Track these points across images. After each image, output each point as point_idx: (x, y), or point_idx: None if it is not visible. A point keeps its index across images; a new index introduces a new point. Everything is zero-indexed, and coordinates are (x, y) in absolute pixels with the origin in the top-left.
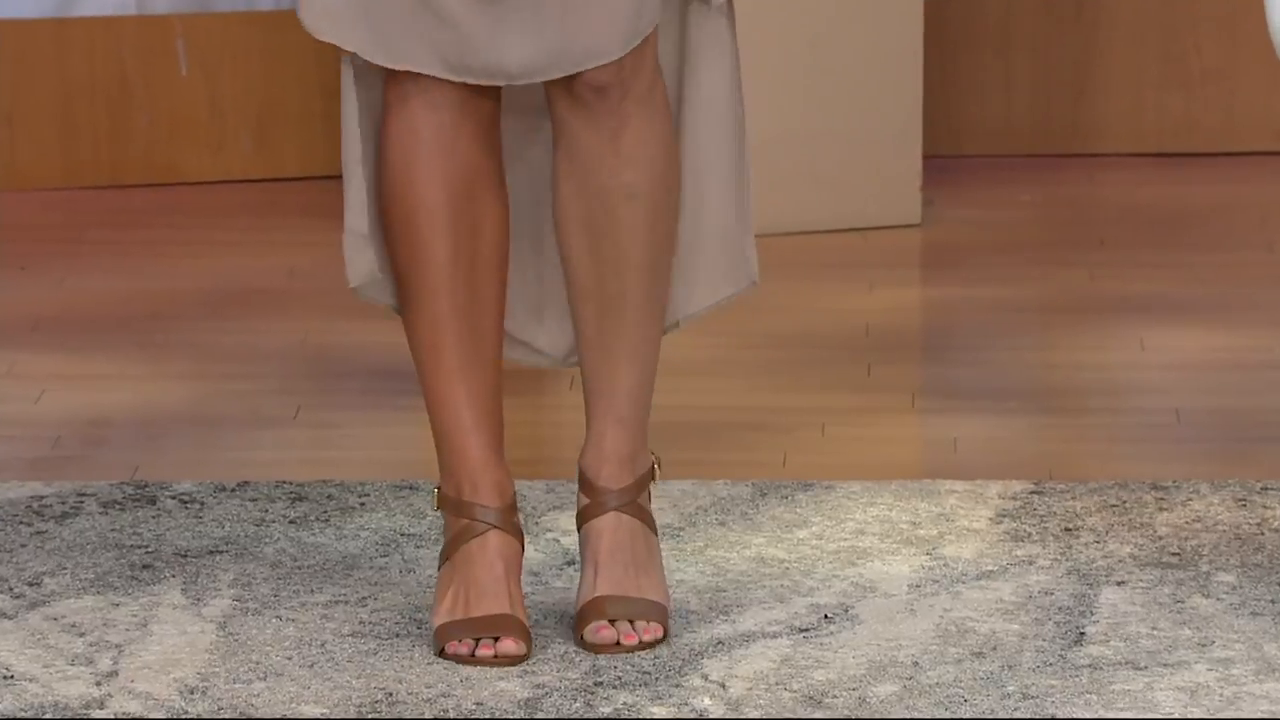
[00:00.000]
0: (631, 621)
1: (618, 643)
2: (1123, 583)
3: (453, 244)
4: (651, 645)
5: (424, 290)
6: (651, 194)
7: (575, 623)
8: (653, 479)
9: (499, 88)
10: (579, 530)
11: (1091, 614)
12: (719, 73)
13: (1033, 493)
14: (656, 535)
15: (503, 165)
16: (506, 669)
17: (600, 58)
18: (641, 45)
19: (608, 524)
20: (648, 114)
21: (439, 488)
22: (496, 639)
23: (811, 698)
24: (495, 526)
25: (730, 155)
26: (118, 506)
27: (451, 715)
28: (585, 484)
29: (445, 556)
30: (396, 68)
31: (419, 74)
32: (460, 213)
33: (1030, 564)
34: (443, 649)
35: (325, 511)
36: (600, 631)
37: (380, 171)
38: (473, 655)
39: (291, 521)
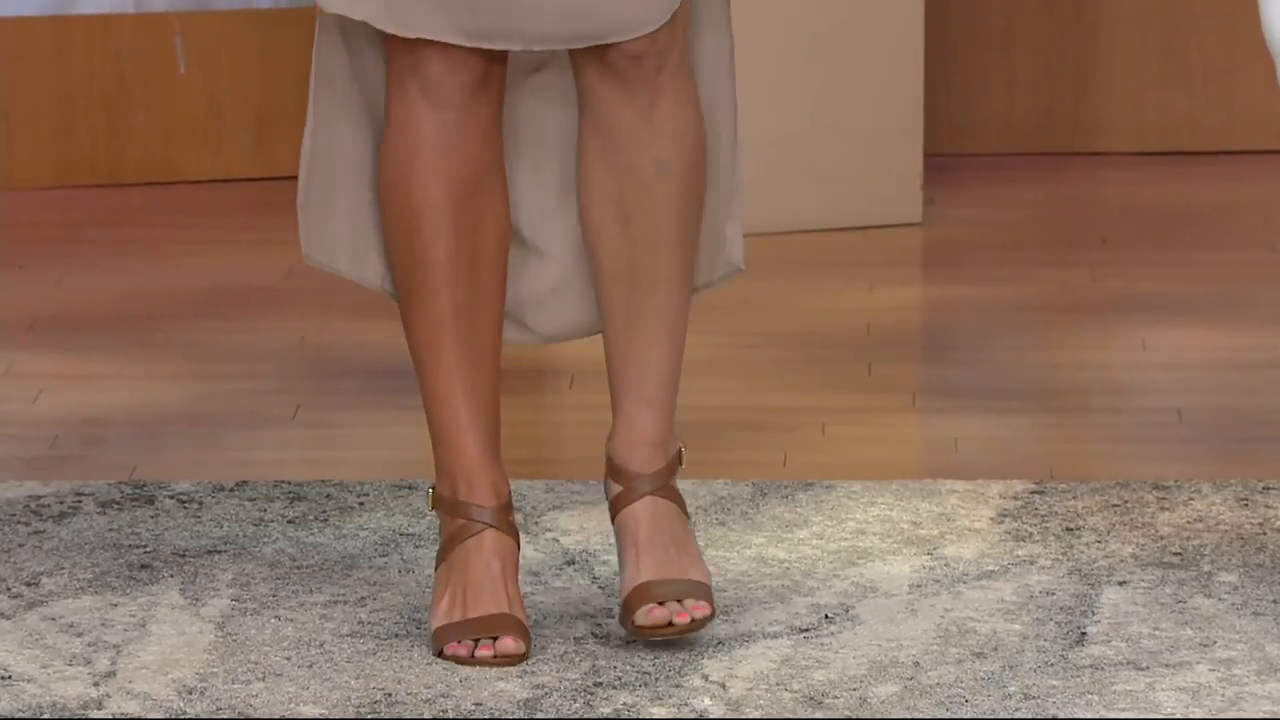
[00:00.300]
0: (680, 601)
1: (670, 623)
2: (1124, 583)
3: (454, 243)
4: (702, 623)
5: (424, 288)
6: (684, 169)
7: (622, 611)
8: (680, 463)
9: (502, 82)
10: (613, 518)
11: (1093, 614)
12: (718, 51)
13: (1034, 492)
14: (689, 516)
15: (504, 160)
16: (506, 669)
17: (642, 27)
18: (674, 16)
19: (644, 509)
20: (680, 87)
21: (434, 488)
22: (495, 639)
23: (812, 698)
24: (491, 526)
25: (726, 135)
26: (116, 506)
27: (451, 715)
28: (616, 471)
29: (441, 557)
30: (408, 35)
31: (422, 66)
32: (462, 212)
33: (1031, 564)
34: (441, 650)
35: (324, 511)
36: (652, 613)
37: (381, 168)
38: (472, 656)
39: (290, 521)
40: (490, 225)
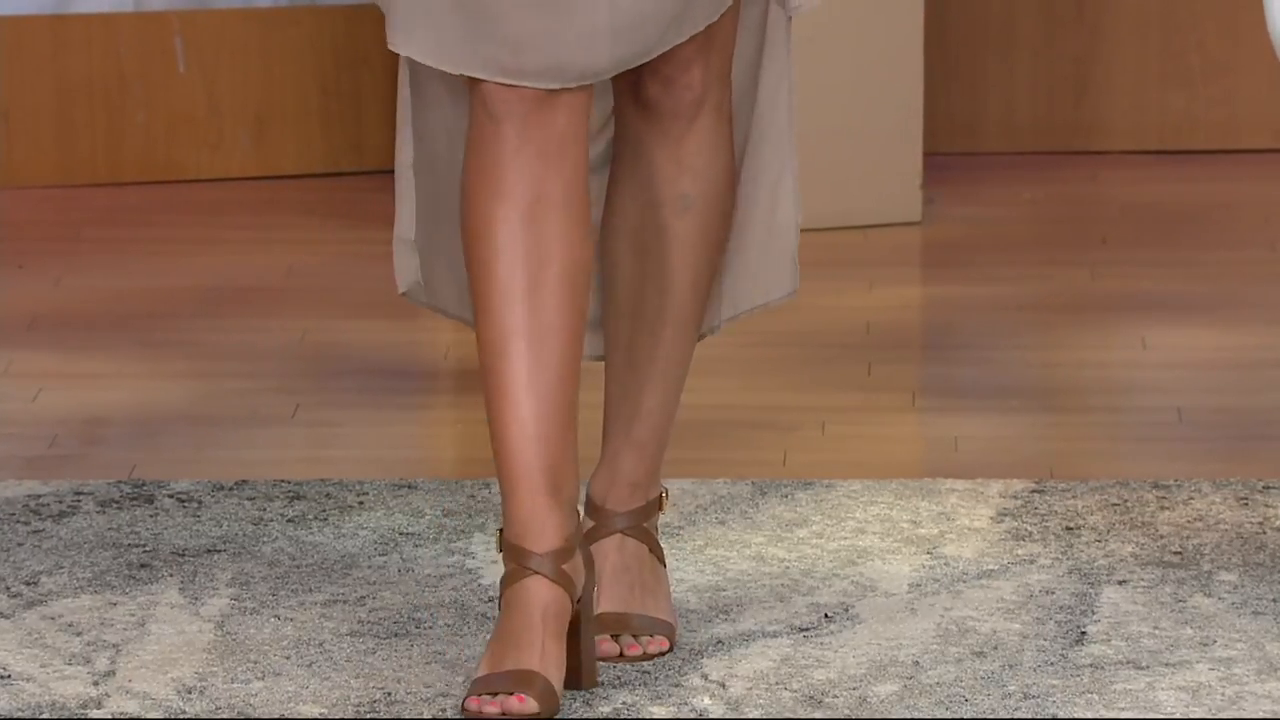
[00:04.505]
0: (635, 635)
1: (621, 654)
2: (1124, 582)
3: (510, 263)
4: (656, 656)
5: (486, 308)
6: (706, 209)
7: None
8: (660, 509)
9: (572, 106)
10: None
11: (1093, 613)
12: (784, 74)
13: (1034, 491)
14: (664, 565)
15: (581, 189)
16: None
17: (675, 39)
18: (724, 55)
19: (612, 545)
20: (714, 125)
21: (501, 530)
22: (512, 694)
23: (812, 697)
24: (536, 573)
25: (792, 153)
26: (115, 505)
27: (450, 715)
28: (591, 507)
29: (499, 604)
30: (452, 71)
31: (481, 84)
32: (520, 233)
33: (1031, 563)
34: (464, 703)
35: (323, 510)
36: (601, 646)
37: (461, 189)
38: (480, 713)
39: (290, 520)
40: (556, 252)
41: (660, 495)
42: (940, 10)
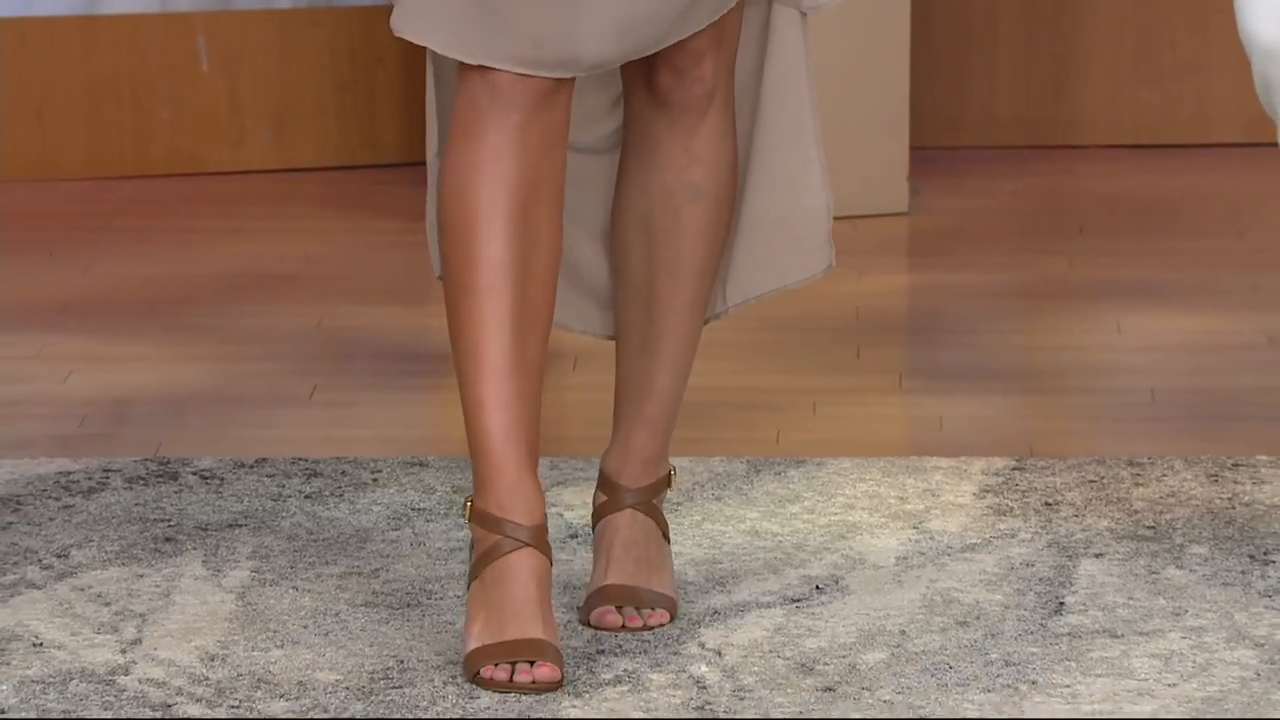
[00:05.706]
0: (638, 608)
1: (623, 625)
2: (1100, 555)
3: (508, 246)
4: (656, 628)
5: (474, 289)
6: (715, 199)
7: (581, 610)
8: (668, 486)
9: (570, 96)
10: (594, 527)
11: (1070, 585)
12: (799, 66)
13: (1015, 469)
14: (669, 542)
15: (564, 178)
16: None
17: (689, 29)
18: (732, 48)
19: (623, 520)
20: (722, 118)
21: (471, 501)
22: (532, 663)
23: (803, 665)
24: (528, 545)
25: (816, 142)
26: (142, 482)
27: (460, 682)
28: (605, 482)
29: (475, 574)
30: (472, 62)
31: (491, 73)
32: (519, 219)
33: (1012, 537)
34: (477, 673)
35: (339, 487)
36: (605, 616)
37: (444, 175)
38: (510, 680)
39: (307, 496)
40: (545, 239)
41: (669, 473)
42: (925, 9)
